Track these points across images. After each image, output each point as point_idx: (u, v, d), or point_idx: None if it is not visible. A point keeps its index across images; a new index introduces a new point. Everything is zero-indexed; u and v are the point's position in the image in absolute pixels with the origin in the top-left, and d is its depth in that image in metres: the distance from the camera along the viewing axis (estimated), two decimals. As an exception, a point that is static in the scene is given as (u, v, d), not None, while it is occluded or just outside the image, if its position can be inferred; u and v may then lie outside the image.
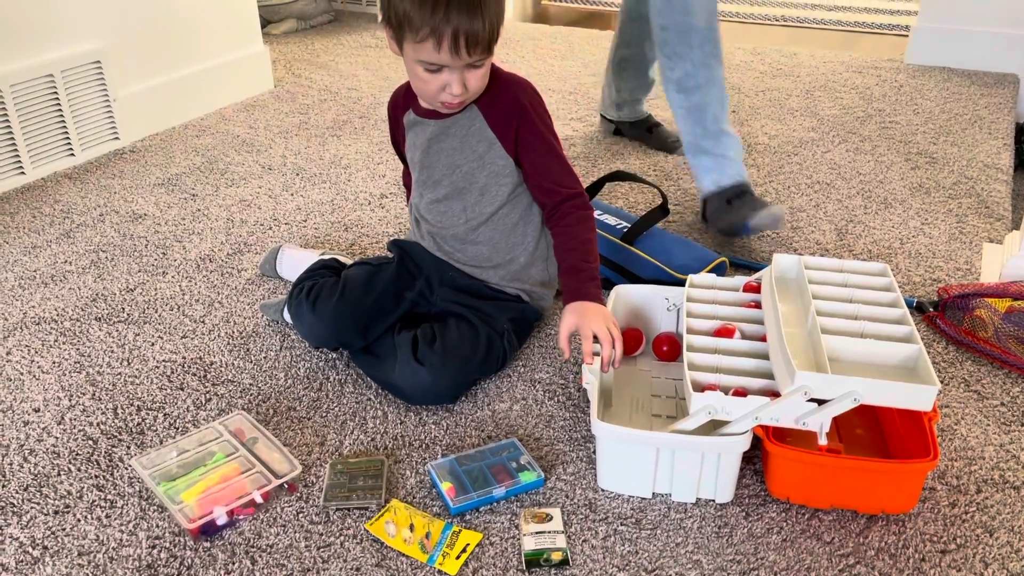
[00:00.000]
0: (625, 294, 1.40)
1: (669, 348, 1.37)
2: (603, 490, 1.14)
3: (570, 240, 1.31)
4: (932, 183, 2.04)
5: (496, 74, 1.32)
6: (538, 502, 1.12)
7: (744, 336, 1.21)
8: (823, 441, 1.06)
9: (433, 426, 1.26)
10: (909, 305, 1.55)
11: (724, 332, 1.21)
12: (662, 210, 1.65)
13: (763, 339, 1.19)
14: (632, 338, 1.37)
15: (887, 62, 2.95)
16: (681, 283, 1.53)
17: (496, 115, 1.31)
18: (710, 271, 1.55)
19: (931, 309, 1.52)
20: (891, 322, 1.16)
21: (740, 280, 1.33)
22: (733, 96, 2.63)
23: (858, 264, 1.28)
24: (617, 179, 1.70)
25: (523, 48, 3.16)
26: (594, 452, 1.20)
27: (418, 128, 1.37)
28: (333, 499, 1.11)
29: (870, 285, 1.24)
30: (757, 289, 1.29)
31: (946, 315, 1.48)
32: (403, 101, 1.39)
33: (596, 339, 1.19)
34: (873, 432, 1.22)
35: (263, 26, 3.38)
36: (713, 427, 1.10)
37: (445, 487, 1.11)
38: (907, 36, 3.06)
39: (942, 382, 1.36)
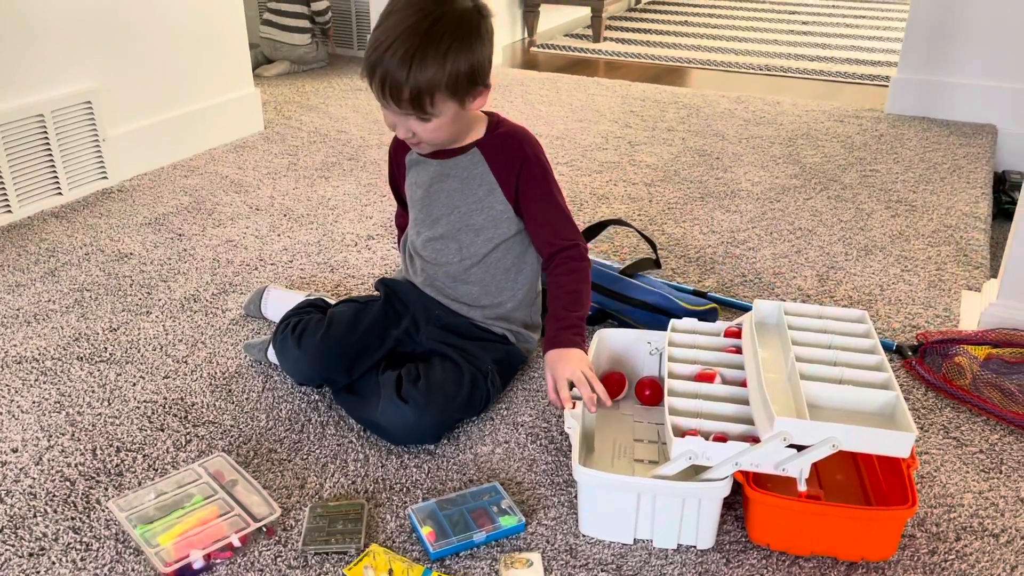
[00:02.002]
0: (608, 338, 1.41)
1: (652, 392, 1.37)
2: (584, 535, 1.14)
3: (558, 290, 1.33)
4: (912, 231, 2.07)
5: (502, 123, 1.37)
6: (519, 547, 1.12)
7: (725, 381, 1.22)
8: (803, 487, 1.07)
9: (414, 469, 1.26)
10: (889, 348, 1.56)
11: (705, 377, 1.22)
12: (654, 263, 1.68)
13: (744, 384, 1.20)
14: (615, 382, 1.38)
15: (868, 112, 3.01)
16: (681, 311, 1.55)
17: (499, 161, 1.34)
18: (702, 312, 1.57)
19: (911, 353, 1.53)
20: (869, 368, 1.17)
21: (721, 325, 1.34)
22: (717, 143, 2.68)
23: (837, 311, 1.30)
24: (616, 224, 1.73)
25: (512, 93, 3.21)
26: (576, 497, 1.19)
27: (420, 167, 1.39)
28: (312, 543, 1.10)
29: (849, 332, 1.25)
30: (738, 334, 1.30)
31: (925, 361, 1.50)
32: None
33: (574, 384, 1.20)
34: (853, 478, 1.23)
35: (257, 66, 3.43)
36: (694, 472, 1.10)
37: (425, 531, 1.11)
38: (887, 86, 3.12)
39: (921, 428, 1.37)
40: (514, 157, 1.34)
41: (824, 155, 2.58)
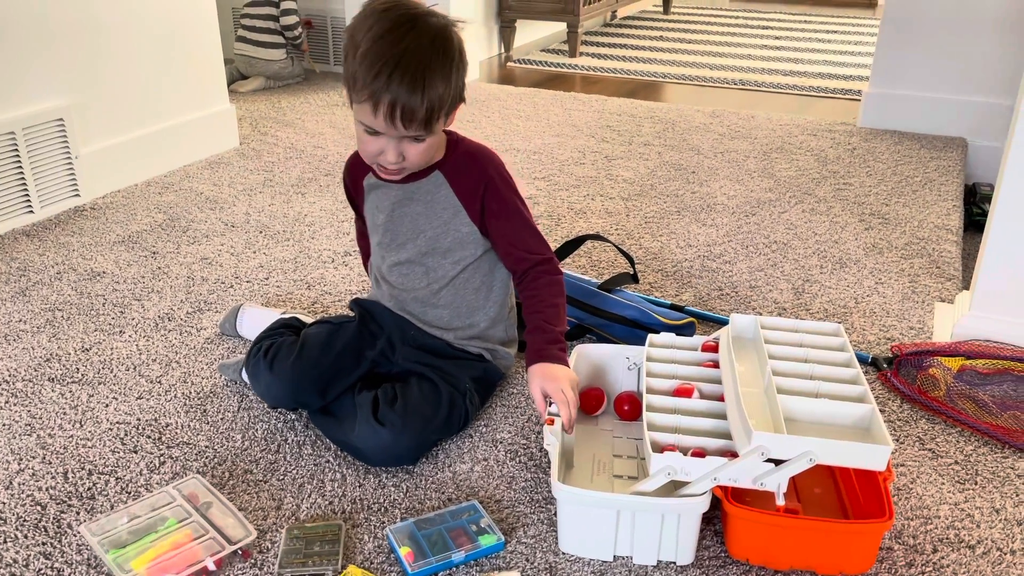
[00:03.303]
0: (587, 353, 1.41)
1: (630, 407, 1.37)
2: (564, 553, 1.13)
3: (537, 303, 1.32)
4: (885, 243, 2.10)
5: (461, 142, 1.34)
6: (498, 566, 1.11)
7: (703, 396, 1.22)
8: (781, 501, 1.07)
9: (393, 488, 1.25)
10: (864, 361, 1.57)
11: (683, 392, 1.22)
12: (632, 278, 1.69)
13: (721, 399, 1.20)
14: (593, 397, 1.38)
15: (841, 125, 3.05)
16: (659, 326, 1.56)
17: (462, 183, 1.33)
18: (679, 326, 1.58)
19: (886, 366, 1.55)
20: (845, 382, 1.18)
21: (699, 340, 1.34)
22: (693, 157, 2.70)
23: (813, 324, 1.31)
24: (594, 239, 1.74)
25: (489, 108, 3.22)
26: (555, 514, 1.19)
27: (380, 191, 1.37)
28: (288, 565, 1.09)
29: (824, 345, 1.26)
30: (715, 348, 1.31)
31: (900, 373, 1.51)
32: (363, 163, 1.39)
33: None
34: (831, 491, 1.23)
35: (232, 82, 3.41)
36: (673, 488, 1.10)
37: (404, 552, 1.10)
38: (859, 100, 3.16)
39: (897, 440, 1.38)
40: (476, 179, 1.32)
41: (798, 168, 2.61)
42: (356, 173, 1.43)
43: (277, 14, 3.41)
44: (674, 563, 1.12)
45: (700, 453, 1.09)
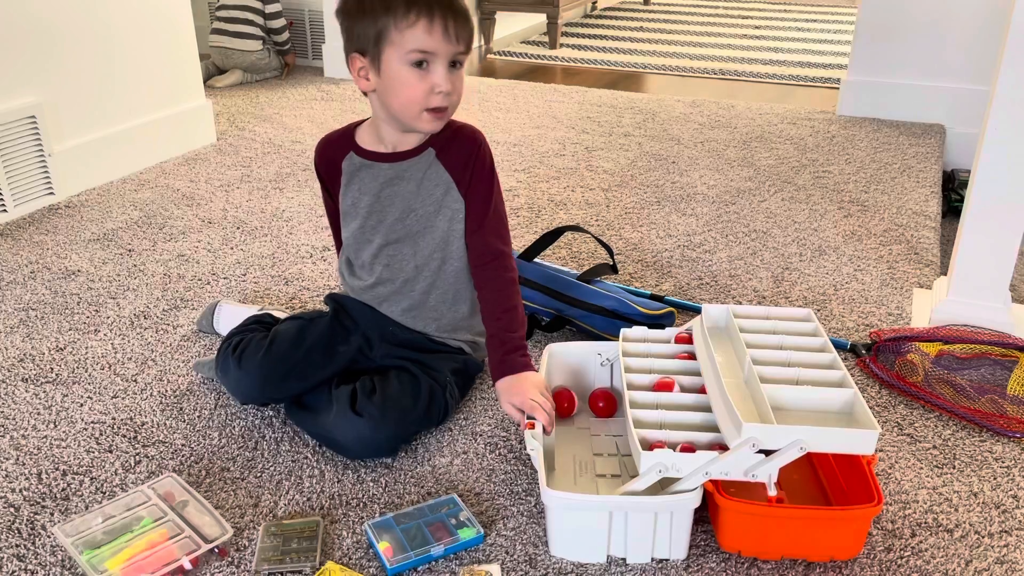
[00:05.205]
0: (558, 353, 1.39)
1: (605, 404, 1.36)
2: (544, 547, 1.12)
3: (493, 308, 1.31)
4: (864, 230, 2.10)
5: (450, 121, 1.32)
6: (478, 559, 1.10)
7: (683, 388, 1.22)
8: (772, 492, 1.06)
9: (371, 483, 1.24)
10: (843, 347, 1.58)
11: (664, 386, 1.21)
12: (611, 268, 1.68)
13: (702, 391, 1.20)
14: (565, 399, 1.35)
15: (820, 114, 3.05)
16: (639, 316, 1.55)
17: (452, 158, 1.31)
18: (659, 316, 1.57)
19: (865, 352, 1.55)
20: (823, 367, 1.18)
21: (671, 332, 1.34)
22: (673, 147, 2.69)
23: (784, 311, 1.30)
24: (573, 230, 1.73)
25: (469, 101, 3.20)
26: (535, 507, 1.18)
27: (364, 173, 1.33)
28: (265, 563, 1.08)
29: (798, 331, 1.26)
30: (689, 340, 1.30)
31: (879, 359, 1.51)
32: (340, 144, 1.35)
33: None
34: (810, 477, 1.23)
35: (208, 77, 3.38)
36: (660, 485, 1.09)
37: (382, 547, 1.09)
38: (838, 88, 3.17)
39: (877, 426, 1.38)
40: (468, 152, 1.31)
41: (778, 157, 2.61)
42: (331, 154, 1.37)
43: (260, 8, 3.38)
44: (667, 560, 1.11)
45: (689, 448, 1.08)
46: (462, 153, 1.31)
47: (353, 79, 1.26)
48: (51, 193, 2.23)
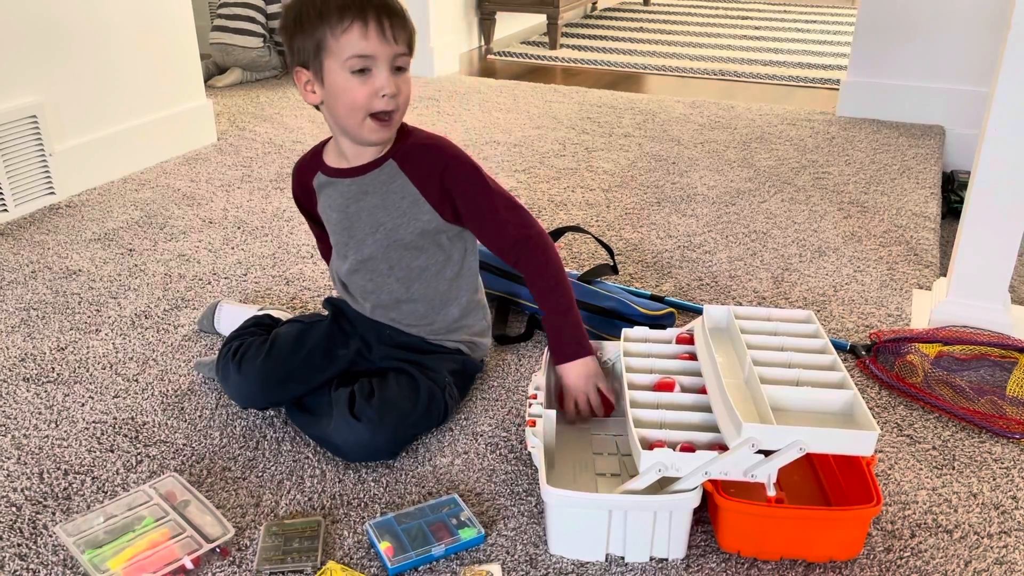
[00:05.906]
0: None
1: (605, 403, 1.36)
2: (545, 547, 1.13)
3: (536, 294, 1.32)
4: (864, 231, 2.10)
5: (412, 132, 1.32)
6: (478, 559, 1.10)
7: (683, 389, 1.22)
8: (772, 492, 1.06)
9: (372, 483, 1.24)
10: (843, 348, 1.58)
11: (664, 386, 1.22)
12: (611, 269, 1.69)
13: (702, 391, 1.20)
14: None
15: (819, 115, 3.06)
16: (639, 316, 1.55)
17: (417, 170, 1.29)
18: (659, 316, 1.57)
19: (864, 353, 1.55)
20: (824, 368, 1.18)
21: (672, 332, 1.34)
22: (673, 148, 2.70)
23: (785, 312, 1.31)
24: (574, 231, 1.73)
25: (470, 101, 3.21)
26: (536, 506, 1.19)
27: (331, 188, 1.33)
28: (267, 562, 1.08)
29: (799, 332, 1.27)
30: (690, 340, 1.31)
31: (879, 360, 1.52)
32: (310, 164, 1.37)
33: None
34: (810, 478, 1.23)
35: (209, 77, 3.38)
36: (659, 484, 1.09)
37: (383, 547, 1.09)
38: (838, 89, 3.17)
39: (876, 427, 1.38)
40: (433, 163, 1.28)
41: (777, 158, 2.62)
42: (303, 177, 1.38)
43: (262, 7, 3.38)
44: (666, 559, 1.11)
45: (689, 448, 1.09)
46: (427, 163, 1.28)
47: (301, 95, 1.26)
48: (52, 193, 2.23)
